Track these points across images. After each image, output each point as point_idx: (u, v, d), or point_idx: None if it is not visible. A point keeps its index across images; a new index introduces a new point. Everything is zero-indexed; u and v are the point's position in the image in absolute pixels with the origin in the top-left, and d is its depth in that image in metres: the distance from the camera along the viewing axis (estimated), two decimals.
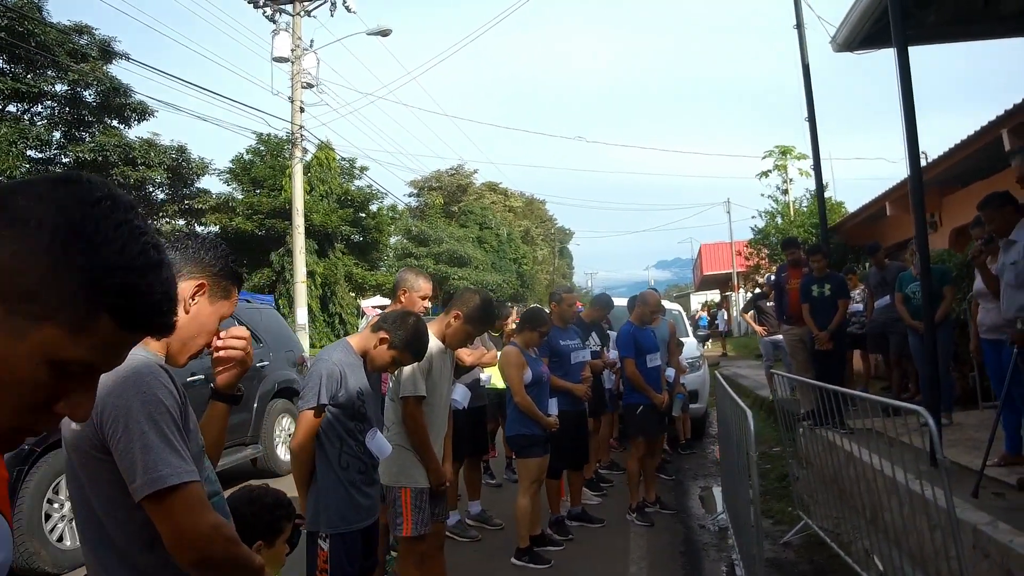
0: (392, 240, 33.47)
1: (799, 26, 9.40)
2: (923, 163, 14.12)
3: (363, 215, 27.49)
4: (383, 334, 3.48)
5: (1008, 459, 5.05)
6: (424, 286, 4.52)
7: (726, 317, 27.87)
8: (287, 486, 3.21)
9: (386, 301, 25.12)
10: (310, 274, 22.60)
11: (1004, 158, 9.66)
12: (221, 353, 1.96)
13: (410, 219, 38.84)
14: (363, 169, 28.41)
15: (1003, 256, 4.84)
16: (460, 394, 5.64)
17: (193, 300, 1.78)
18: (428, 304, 4.63)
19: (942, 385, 7.08)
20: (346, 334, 18.03)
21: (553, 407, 5.69)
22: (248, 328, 2.10)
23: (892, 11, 5.54)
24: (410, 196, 46.00)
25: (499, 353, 6.15)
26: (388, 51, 23.08)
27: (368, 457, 3.47)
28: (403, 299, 4.49)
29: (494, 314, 4.44)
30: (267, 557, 2.41)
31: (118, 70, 16.61)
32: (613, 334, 7.72)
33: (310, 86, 18.64)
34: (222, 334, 1.94)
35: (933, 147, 14.10)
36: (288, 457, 7.45)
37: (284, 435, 8.94)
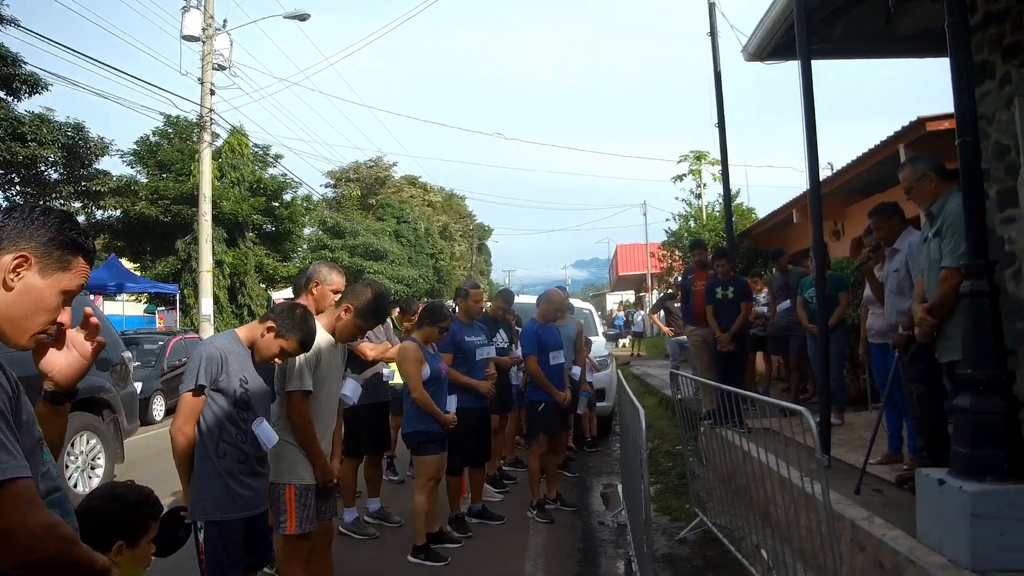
0: (306, 231, 32.71)
1: (712, 34, 9.58)
2: (828, 173, 14.68)
3: (276, 204, 26.74)
4: (270, 323, 3.41)
5: (889, 457, 5.26)
6: (337, 280, 4.41)
7: (642, 318, 28.22)
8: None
9: None
10: (218, 263, 21.90)
11: None
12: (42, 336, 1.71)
13: (326, 210, 38.15)
14: (277, 157, 27.72)
15: (888, 264, 5.02)
16: (350, 389, 5.52)
17: (16, 275, 1.61)
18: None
19: (835, 387, 7.33)
20: None
21: (451, 404, 5.62)
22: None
23: (797, 26, 5.67)
24: (326, 187, 45.28)
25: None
26: (306, 36, 22.61)
27: (250, 447, 3.37)
28: (314, 292, 4.36)
29: (387, 308, 4.35)
30: (129, 558, 2.29)
31: (5, 37, 15.56)
32: None
33: (222, 68, 18.11)
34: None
35: (841, 158, 14.53)
36: (84, 488, 7.13)
37: (84, 459, 7.37)
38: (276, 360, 3.50)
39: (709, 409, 6.72)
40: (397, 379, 6.70)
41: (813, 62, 5.93)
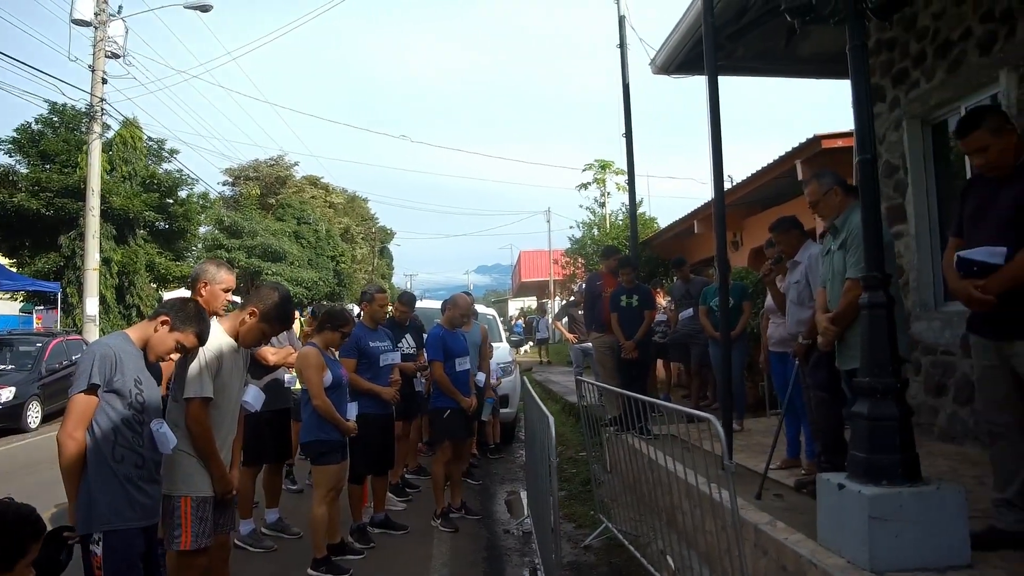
0: (202, 230, 31.48)
1: (622, 46, 9.73)
2: (728, 186, 15.14)
3: (171, 201, 25.63)
4: (163, 317, 3.27)
5: (788, 463, 5.44)
6: (226, 278, 4.23)
7: (548, 324, 28.25)
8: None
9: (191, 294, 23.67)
10: (105, 261, 20.86)
11: (799, 185, 10.50)
12: None
13: (223, 209, 36.87)
14: (173, 152, 26.66)
15: (789, 275, 5.21)
16: (252, 396, 5.34)
17: None
18: (231, 297, 4.34)
19: (736, 394, 7.54)
20: None
21: (352, 411, 5.50)
22: None
23: (705, 42, 5.81)
24: (224, 184, 43.81)
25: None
26: (208, 28, 21.85)
27: (148, 451, 3.19)
28: (203, 292, 4.18)
29: (292, 313, 4.21)
30: None
31: None
32: None
33: (116, 56, 17.32)
34: None
35: (740, 172, 15.03)
36: None
37: None
38: (172, 356, 3.34)
39: (614, 416, 6.81)
40: (300, 385, 6.54)
41: (724, 77, 6.08)
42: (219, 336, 3.70)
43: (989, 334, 3.35)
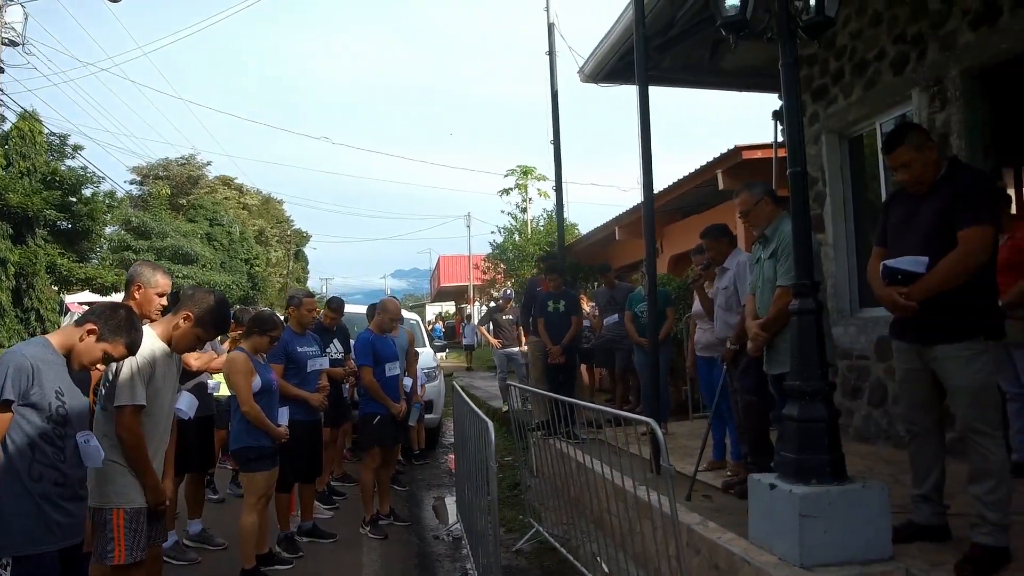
0: (108, 230, 30.22)
1: (551, 53, 9.85)
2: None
3: (74, 199, 24.40)
4: (90, 325, 3.06)
5: (714, 464, 5.59)
6: (162, 282, 4.11)
7: (474, 330, 27.98)
8: None
9: (95, 297, 22.63)
10: (1, 262, 19.88)
11: (718, 195, 10.80)
12: None
13: (130, 209, 35.51)
14: (77, 148, 25.47)
15: (718, 282, 5.37)
16: (186, 403, 5.19)
17: None
18: (165, 302, 4.21)
19: (660, 398, 7.71)
20: (44, 333, 15.93)
21: (283, 416, 5.41)
22: None
23: (637, 54, 5.94)
24: (132, 183, 42.22)
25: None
26: (117, 20, 21.08)
27: (70, 467, 2.99)
28: (137, 296, 4.04)
29: (228, 317, 4.10)
30: None
31: None
32: None
33: (13, 44, 16.55)
34: None
35: (661, 180, 15.40)
36: None
37: None
38: (98, 367, 3.18)
39: (541, 420, 6.87)
40: (223, 391, 6.39)
41: (650, 87, 6.21)
42: (152, 341, 3.57)
43: (911, 339, 3.53)
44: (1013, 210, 8.13)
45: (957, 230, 3.31)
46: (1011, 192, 8.31)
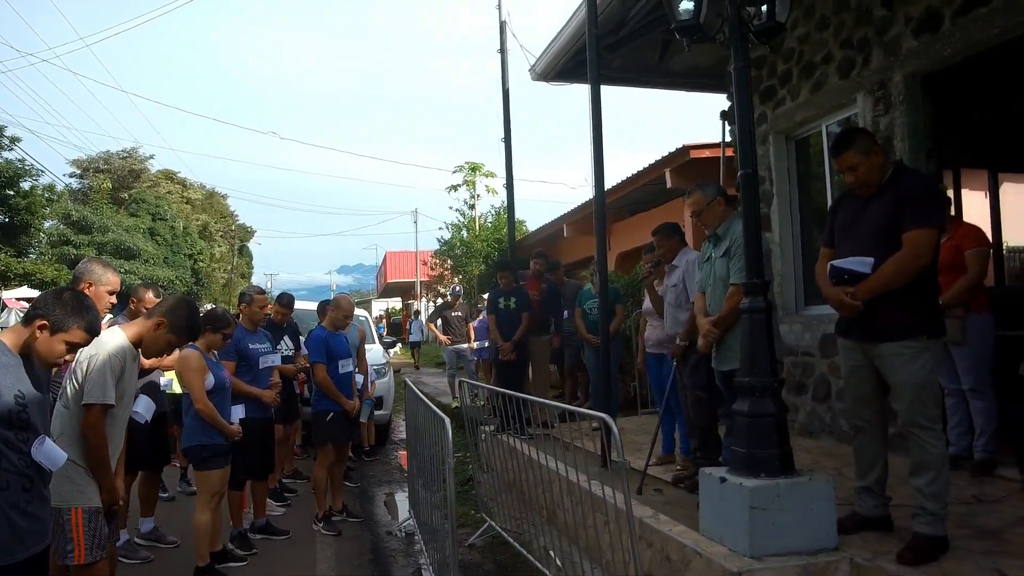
0: (47, 224, 29.43)
1: (502, 52, 9.87)
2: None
3: (11, 193, 23.81)
4: (39, 321, 2.89)
5: (664, 459, 5.69)
6: (112, 280, 4.04)
7: (422, 326, 27.64)
8: None
9: (35, 293, 22.03)
10: None
11: (666, 193, 10.98)
12: None
13: (71, 202, 34.54)
14: (15, 140, 24.77)
15: (667, 279, 5.47)
16: (143, 406, 5.13)
17: None
18: (115, 300, 4.13)
19: (611, 393, 7.79)
20: None
21: (236, 414, 5.38)
22: None
23: (589, 52, 6.00)
24: (72, 177, 41.08)
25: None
26: (57, 9, 20.51)
27: (35, 471, 2.89)
28: (87, 293, 3.96)
29: (199, 324, 4.07)
30: None
31: None
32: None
33: None
34: None
35: (610, 178, 15.69)
36: None
37: None
38: (67, 359, 3.06)
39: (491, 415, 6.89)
40: (175, 388, 6.31)
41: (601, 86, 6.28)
42: (123, 341, 3.53)
43: (856, 337, 3.65)
44: (952, 212, 8.49)
45: (902, 232, 3.43)
46: (950, 194, 8.62)
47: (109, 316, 5.01)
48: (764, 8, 3.83)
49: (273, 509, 6.72)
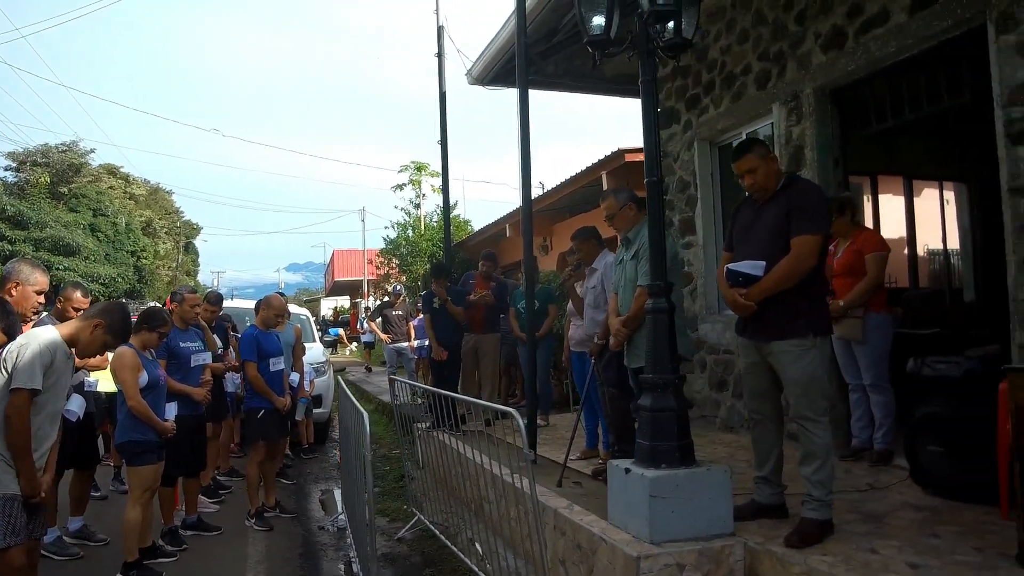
0: None
1: (440, 56, 10.01)
2: (540, 192, 15.84)
3: None
4: None
5: (587, 453, 5.91)
6: (41, 280, 4.10)
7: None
8: None
9: None
10: None
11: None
12: None
13: (5, 197, 33.63)
14: None
15: (587, 281, 5.69)
16: (76, 404, 5.19)
17: None
18: (43, 300, 4.19)
19: (542, 391, 7.99)
20: None
21: (170, 411, 5.44)
22: None
23: (518, 59, 6.18)
24: (7, 170, 39.89)
25: (110, 355, 5.73)
26: None
27: None
28: (13, 292, 4.02)
29: (131, 326, 4.17)
30: None
31: None
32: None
33: None
34: None
35: (553, 178, 15.88)
36: None
37: None
38: None
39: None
40: (104, 387, 6.34)
41: (534, 91, 6.48)
42: (55, 336, 3.60)
43: (751, 335, 3.90)
44: (870, 216, 8.87)
45: (790, 238, 3.68)
46: (867, 199, 9.00)
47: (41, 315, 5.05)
48: (671, 25, 4.03)
49: (206, 506, 6.79)
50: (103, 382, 6.29)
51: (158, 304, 12.18)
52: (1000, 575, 3.00)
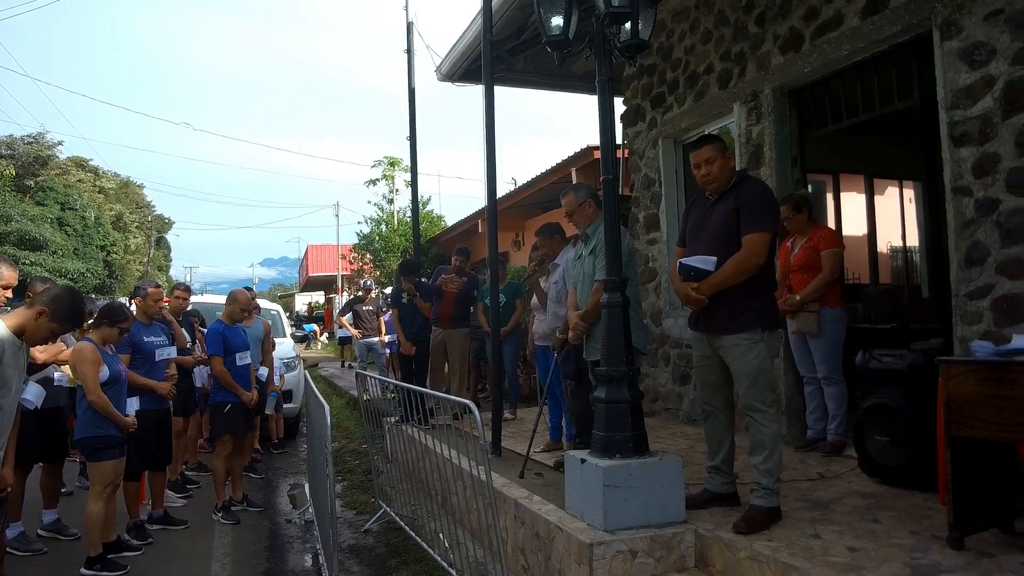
0: None
1: (409, 52, 10.05)
2: (512, 188, 15.91)
3: None
4: None
5: (550, 446, 6.02)
6: (7, 274, 4.12)
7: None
8: None
9: None
10: None
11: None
12: None
13: None
14: None
15: (551, 276, 5.80)
16: (33, 393, 5.18)
17: None
18: (10, 294, 4.21)
19: (510, 385, 8.10)
20: None
21: (131, 406, 5.46)
22: None
23: (484, 57, 6.26)
24: None
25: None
26: None
27: None
28: None
29: (84, 311, 4.16)
30: None
31: None
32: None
33: None
34: None
35: (526, 173, 16.03)
36: None
37: None
38: None
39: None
40: (70, 382, 6.33)
41: (505, 87, 6.55)
42: (2, 330, 3.63)
43: (702, 329, 4.02)
44: (832, 214, 9.06)
45: (741, 235, 3.80)
46: (830, 197, 9.20)
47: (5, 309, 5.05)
48: (628, 26, 4.13)
49: (173, 501, 6.81)
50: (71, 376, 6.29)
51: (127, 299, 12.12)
52: (931, 556, 3.14)
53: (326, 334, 34.06)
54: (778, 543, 3.43)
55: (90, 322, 5.66)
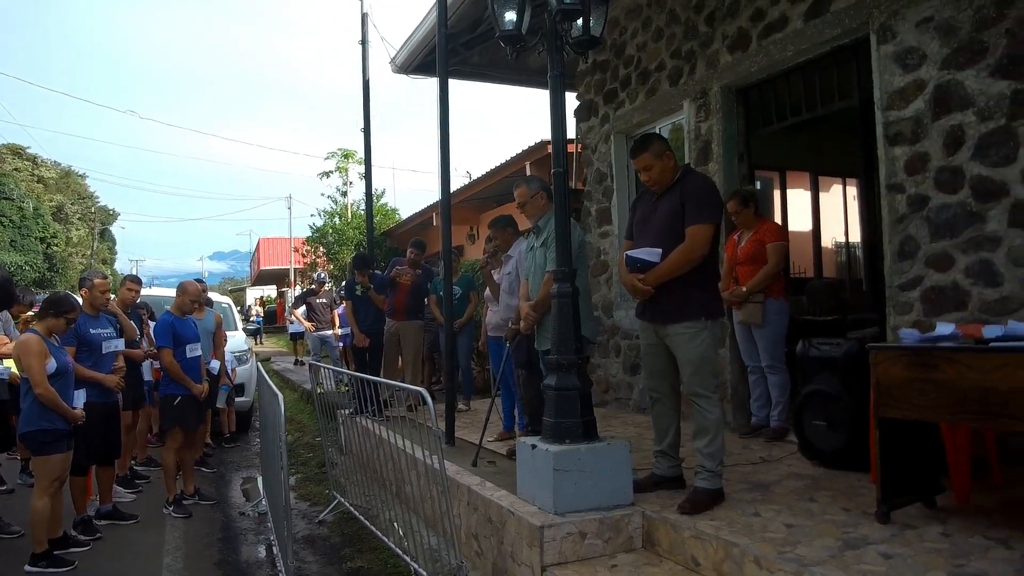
0: None
1: (363, 43, 10.05)
2: (467, 181, 15.97)
3: None
4: None
5: (503, 435, 6.12)
6: None
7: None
8: None
9: None
10: None
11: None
12: None
13: None
14: None
15: (503, 268, 5.90)
16: None
17: None
18: None
19: (464, 376, 8.18)
20: None
21: (79, 399, 5.39)
22: None
23: (439, 51, 6.31)
24: None
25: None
26: None
27: None
28: None
29: (13, 295, 4.09)
30: None
31: None
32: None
33: None
34: None
35: (482, 167, 16.11)
36: None
37: None
38: None
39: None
40: (13, 375, 6.24)
41: (460, 81, 6.59)
42: None
43: (649, 318, 4.15)
44: (779, 209, 9.30)
45: (685, 227, 3.94)
46: (776, 192, 9.43)
47: None
48: (580, 22, 4.24)
49: (122, 496, 6.74)
50: (15, 370, 6.19)
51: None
52: (860, 530, 3.32)
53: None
54: (720, 522, 3.57)
55: (33, 312, 5.58)
